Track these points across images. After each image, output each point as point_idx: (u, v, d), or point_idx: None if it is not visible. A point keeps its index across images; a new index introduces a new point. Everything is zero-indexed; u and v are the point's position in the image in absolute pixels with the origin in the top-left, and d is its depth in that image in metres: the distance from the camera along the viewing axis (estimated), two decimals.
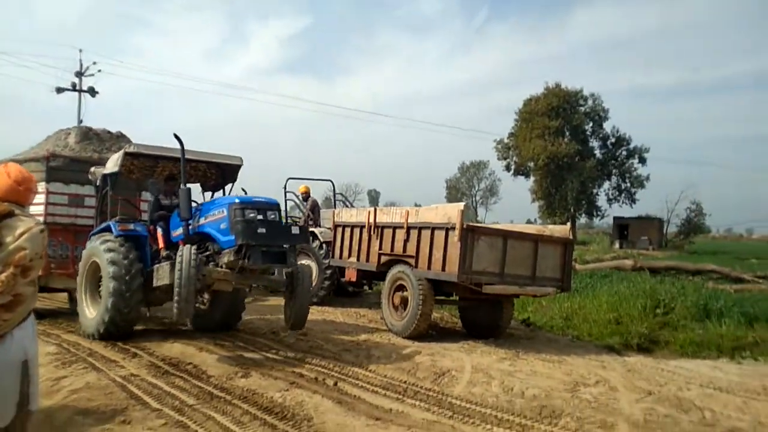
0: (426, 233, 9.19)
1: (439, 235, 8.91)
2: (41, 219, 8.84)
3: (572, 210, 52.26)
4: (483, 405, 5.77)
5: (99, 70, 37.06)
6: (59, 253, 10.11)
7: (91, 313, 8.44)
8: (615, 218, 54.64)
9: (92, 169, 9.57)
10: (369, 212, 10.56)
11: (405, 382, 6.58)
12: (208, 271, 7.29)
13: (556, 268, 9.48)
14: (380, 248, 10.02)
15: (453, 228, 8.64)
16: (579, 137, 52.39)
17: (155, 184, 8.80)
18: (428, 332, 9.58)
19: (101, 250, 8.21)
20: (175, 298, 6.86)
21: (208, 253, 7.60)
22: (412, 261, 9.37)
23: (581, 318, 11.65)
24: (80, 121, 34.93)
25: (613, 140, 53.98)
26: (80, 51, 40.74)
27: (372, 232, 10.28)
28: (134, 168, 9.34)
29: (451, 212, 8.83)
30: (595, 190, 53.77)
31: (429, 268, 9.06)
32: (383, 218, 10.25)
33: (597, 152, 54.07)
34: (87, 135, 11.67)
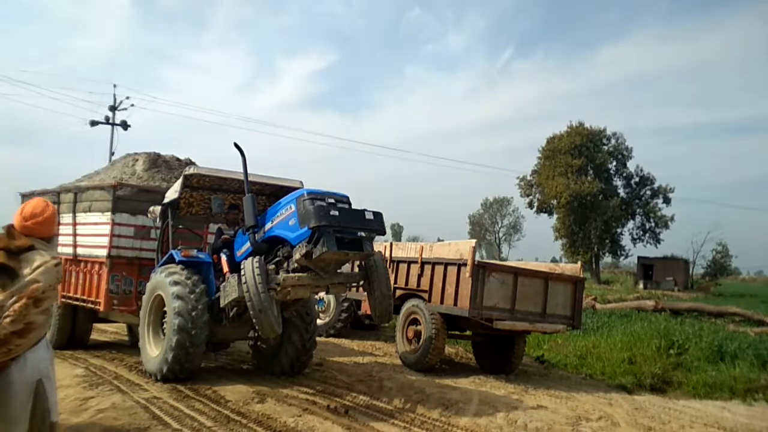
0: (439, 269, 9.51)
1: (452, 270, 9.23)
2: (105, 251, 9.09)
3: (596, 249, 52.06)
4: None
5: (132, 105, 38.42)
6: (122, 289, 9.32)
7: (153, 350, 7.92)
8: (639, 258, 54.23)
9: (151, 209, 9.11)
10: (385, 247, 10.90)
11: (413, 411, 6.84)
12: (281, 279, 6.84)
13: (566, 306, 9.70)
14: (395, 282, 10.32)
15: (465, 264, 8.95)
16: (602, 176, 52.49)
17: (218, 199, 8.19)
18: (441, 366, 9.81)
19: (166, 283, 7.69)
20: (251, 312, 6.64)
21: (277, 259, 7.21)
22: (425, 295, 9.67)
23: (595, 357, 11.78)
24: (112, 153, 36.23)
25: (636, 179, 53.97)
26: (114, 86, 42.40)
27: (388, 267, 10.61)
28: (193, 201, 9.12)
29: (463, 248, 9.14)
30: (618, 230, 53.56)
31: (442, 302, 9.36)
32: (399, 253, 10.59)
33: (621, 191, 54.07)
34: (155, 162, 11.01)
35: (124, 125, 38.11)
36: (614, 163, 53.91)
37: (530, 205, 56.63)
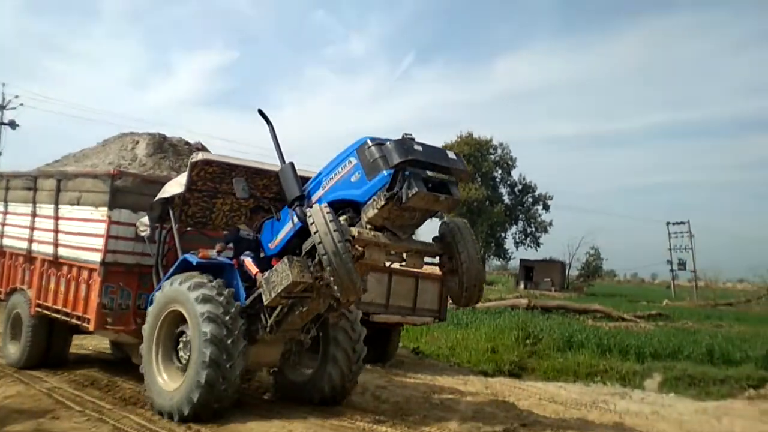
0: None
1: None
2: (99, 256, 7.31)
3: (482, 252, 54.86)
4: (353, 407, 7.11)
5: (21, 104, 36.96)
6: (118, 303, 7.50)
7: (166, 382, 6.42)
8: (521, 260, 57.68)
9: (139, 221, 7.42)
10: None
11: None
12: (356, 233, 5.54)
13: (434, 301, 11.03)
14: None
15: None
16: (488, 183, 55.47)
17: (242, 181, 6.55)
18: None
19: (190, 298, 6.14)
20: (326, 263, 5.28)
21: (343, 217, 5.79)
22: None
23: (463, 347, 13.25)
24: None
25: (520, 187, 57.43)
26: (3, 84, 39.94)
27: None
28: (190, 200, 7.52)
29: None
30: (503, 234, 56.78)
31: None
32: None
33: (505, 198, 57.34)
34: (161, 146, 9.12)
35: (12, 125, 36.77)
36: (500, 172, 57.12)
37: None
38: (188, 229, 7.77)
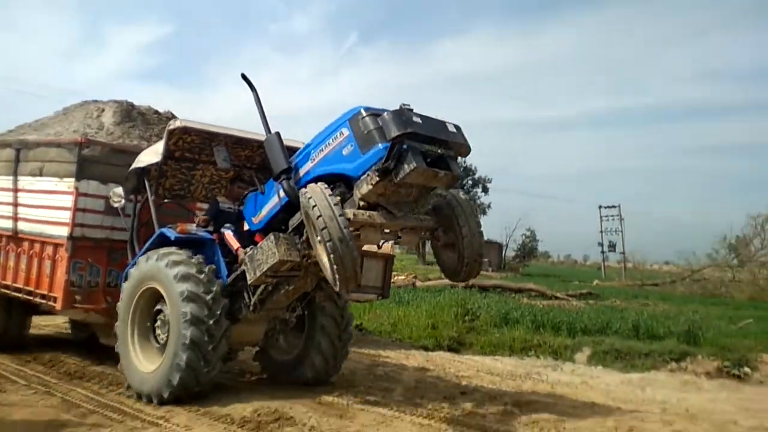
0: None
1: None
2: (66, 230, 6.99)
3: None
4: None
5: None
6: (87, 280, 7.14)
7: (143, 364, 6.18)
8: None
9: (112, 192, 7.05)
10: None
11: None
12: (350, 215, 5.13)
13: (378, 279, 11.28)
14: None
15: None
16: None
17: (223, 150, 6.35)
18: None
19: (168, 276, 5.90)
20: (327, 246, 4.81)
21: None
22: None
23: (405, 324, 13.58)
24: None
25: (461, 170, 58.35)
26: None
27: None
28: (167, 171, 7.24)
29: None
30: None
31: None
32: None
33: None
34: (129, 114, 8.62)
35: None
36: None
37: None
38: (165, 201, 7.42)
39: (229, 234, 6.39)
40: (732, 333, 14.07)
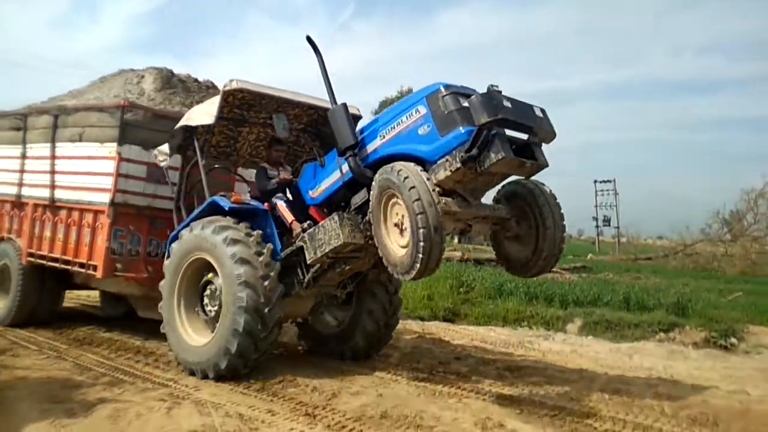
0: None
1: None
2: (108, 197, 6.83)
3: None
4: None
5: None
6: (127, 248, 7.02)
7: (193, 338, 6.04)
8: None
9: (156, 150, 6.83)
10: None
11: None
12: None
13: None
14: None
15: None
16: None
17: (283, 118, 6.14)
18: None
19: (217, 241, 5.74)
20: (421, 232, 4.44)
21: None
22: None
23: (401, 295, 13.88)
24: None
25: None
26: None
27: None
28: (215, 127, 6.89)
29: None
30: None
31: None
32: None
33: None
34: (169, 81, 8.45)
35: None
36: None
37: None
38: (215, 166, 7.18)
39: (282, 205, 6.19)
40: (721, 305, 14.37)
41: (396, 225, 4.82)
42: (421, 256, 4.46)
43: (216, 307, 5.94)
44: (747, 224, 29.31)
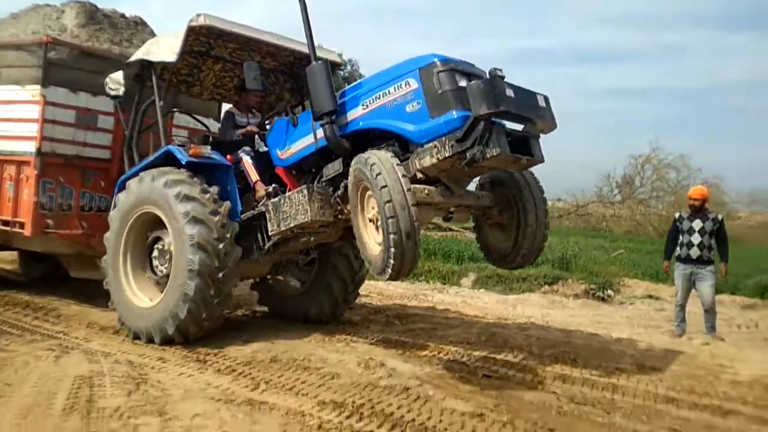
0: None
1: None
2: (33, 145, 6.18)
3: None
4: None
5: None
6: (58, 202, 6.36)
7: (140, 299, 5.62)
8: None
9: (109, 77, 6.10)
10: None
11: None
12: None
13: None
14: None
15: None
16: None
17: (254, 66, 5.48)
18: None
19: (168, 196, 5.23)
20: (391, 235, 3.97)
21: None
22: None
23: None
24: None
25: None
26: None
27: None
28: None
29: None
30: None
31: None
32: None
33: None
34: (93, 16, 7.56)
35: None
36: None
37: None
38: (174, 109, 6.66)
39: (247, 161, 5.65)
40: (603, 261, 15.53)
41: (371, 221, 4.41)
42: (392, 261, 4.06)
43: (166, 267, 5.50)
44: (634, 188, 31.29)
